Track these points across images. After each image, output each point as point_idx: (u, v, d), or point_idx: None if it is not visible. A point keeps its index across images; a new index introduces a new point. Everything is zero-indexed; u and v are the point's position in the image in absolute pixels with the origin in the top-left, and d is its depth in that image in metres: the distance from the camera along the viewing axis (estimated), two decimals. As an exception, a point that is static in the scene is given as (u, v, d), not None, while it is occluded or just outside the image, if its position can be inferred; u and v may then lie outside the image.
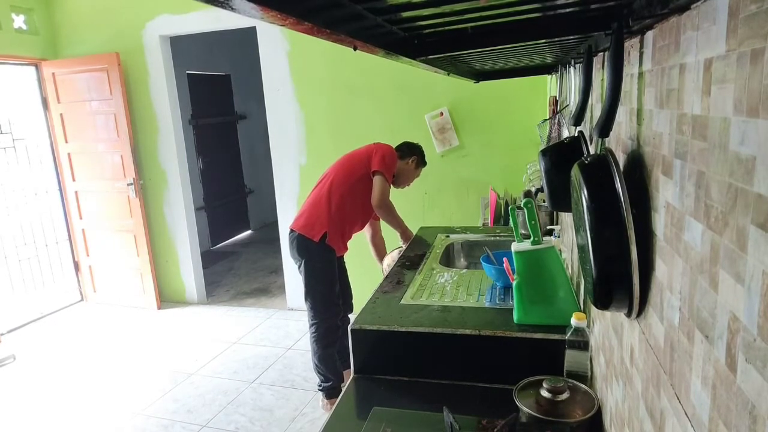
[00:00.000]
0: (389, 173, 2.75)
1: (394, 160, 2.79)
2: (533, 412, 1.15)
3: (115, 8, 4.29)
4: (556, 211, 2.04)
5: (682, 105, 0.62)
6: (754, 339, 0.43)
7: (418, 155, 2.97)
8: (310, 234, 2.72)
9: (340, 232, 2.80)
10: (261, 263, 5.81)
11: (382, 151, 2.78)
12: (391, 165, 2.77)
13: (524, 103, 3.64)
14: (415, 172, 2.98)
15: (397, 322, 1.55)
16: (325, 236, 2.72)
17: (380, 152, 2.76)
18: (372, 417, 1.33)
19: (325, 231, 2.72)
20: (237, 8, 0.46)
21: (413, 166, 2.93)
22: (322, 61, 3.92)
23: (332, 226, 2.73)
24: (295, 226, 2.79)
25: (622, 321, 0.93)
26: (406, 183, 3.01)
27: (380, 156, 2.74)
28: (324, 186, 2.80)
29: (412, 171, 2.95)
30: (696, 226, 0.57)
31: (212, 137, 6.44)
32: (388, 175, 2.73)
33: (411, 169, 2.94)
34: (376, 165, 2.71)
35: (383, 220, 2.83)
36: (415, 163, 2.94)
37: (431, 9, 0.71)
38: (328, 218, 2.73)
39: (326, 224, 2.72)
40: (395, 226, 2.82)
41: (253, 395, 3.17)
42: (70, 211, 4.77)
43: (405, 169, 2.91)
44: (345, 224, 2.81)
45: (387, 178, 2.72)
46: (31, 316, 4.57)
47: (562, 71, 2.08)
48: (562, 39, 1.12)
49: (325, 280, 2.78)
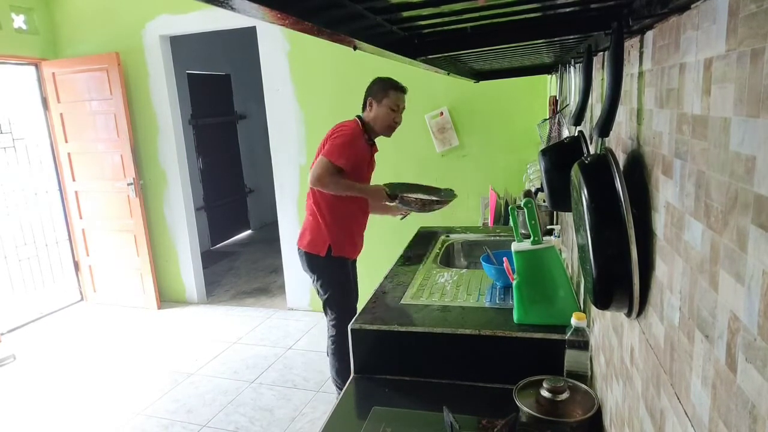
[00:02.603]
0: (336, 153, 2.45)
1: (343, 138, 2.50)
2: (533, 411, 1.15)
3: (115, 8, 4.29)
4: (556, 211, 2.04)
5: (682, 105, 0.62)
6: (754, 339, 0.43)
7: (374, 93, 2.59)
8: (315, 250, 2.65)
9: (346, 237, 2.69)
10: (261, 263, 5.81)
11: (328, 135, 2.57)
12: (341, 144, 2.47)
13: (524, 103, 3.64)
14: (388, 110, 2.56)
15: (397, 322, 1.55)
16: (331, 249, 2.63)
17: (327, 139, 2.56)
18: (372, 417, 1.33)
19: (328, 244, 2.62)
20: (237, 8, 0.46)
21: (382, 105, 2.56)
22: (322, 61, 3.92)
23: (334, 237, 2.63)
24: (300, 245, 2.72)
25: (622, 321, 0.93)
26: (389, 122, 2.60)
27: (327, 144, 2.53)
28: (309, 199, 2.69)
29: (384, 110, 2.56)
30: (696, 226, 0.57)
31: (212, 137, 6.43)
32: (334, 154, 2.45)
33: (383, 109, 2.56)
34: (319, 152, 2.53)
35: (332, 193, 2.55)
36: (378, 101, 2.57)
37: (431, 9, 0.71)
38: (327, 231, 2.62)
39: (327, 237, 2.62)
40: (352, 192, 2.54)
41: (253, 395, 3.17)
42: (70, 211, 4.77)
43: (376, 115, 2.58)
44: (346, 228, 2.69)
45: (331, 159, 2.44)
46: (31, 316, 4.57)
47: (562, 71, 2.08)
48: (561, 39, 1.12)
49: (341, 291, 2.71)
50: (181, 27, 4.21)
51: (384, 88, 2.57)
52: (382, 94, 2.57)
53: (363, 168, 2.63)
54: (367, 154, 2.65)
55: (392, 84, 2.58)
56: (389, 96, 2.57)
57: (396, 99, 2.58)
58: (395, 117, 2.61)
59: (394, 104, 2.58)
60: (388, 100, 2.57)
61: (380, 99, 2.57)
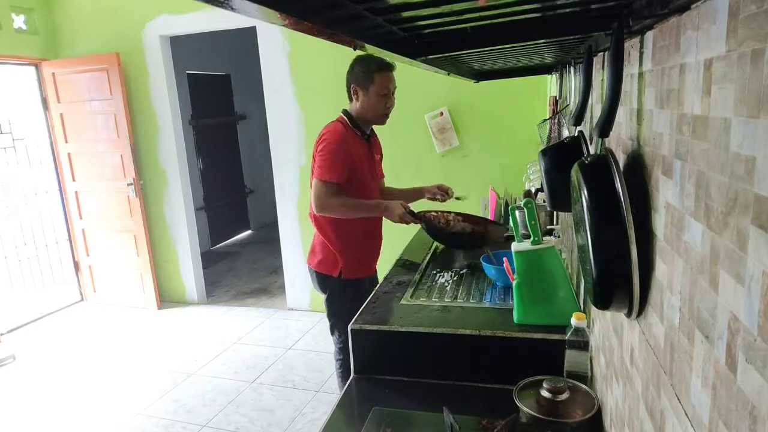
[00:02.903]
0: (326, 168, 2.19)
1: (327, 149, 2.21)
2: (533, 412, 1.15)
3: (115, 8, 4.30)
4: (556, 211, 2.04)
5: (682, 105, 0.62)
6: (755, 339, 0.43)
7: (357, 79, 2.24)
8: (326, 271, 2.38)
9: (359, 258, 2.39)
10: (261, 263, 5.81)
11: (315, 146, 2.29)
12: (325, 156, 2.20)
13: (524, 103, 3.64)
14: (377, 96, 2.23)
15: (397, 322, 1.55)
16: (342, 272, 2.35)
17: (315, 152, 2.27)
18: (372, 417, 1.33)
19: (340, 268, 2.35)
20: (237, 8, 0.46)
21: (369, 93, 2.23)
22: (322, 61, 3.92)
23: (345, 260, 2.34)
24: (310, 262, 2.46)
25: (622, 321, 0.93)
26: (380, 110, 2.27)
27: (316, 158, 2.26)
28: (312, 217, 2.39)
29: (373, 98, 2.23)
30: (696, 226, 0.57)
31: (212, 137, 6.44)
32: (324, 170, 2.19)
33: (372, 98, 2.24)
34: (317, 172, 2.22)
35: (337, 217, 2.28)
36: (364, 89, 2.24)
37: (431, 9, 0.71)
38: (338, 254, 2.34)
39: (339, 260, 2.34)
40: (362, 214, 2.28)
41: (253, 395, 3.17)
42: (70, 211, 4.77)
43: (365, 105, 2.26)
44: (357, 247, 2.37)
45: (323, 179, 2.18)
46: (31, 316, 4.57)
47: (562, 71, 2.08)
48: (562, 39, 1.11)
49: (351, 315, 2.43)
50: (181, 27, 4.21)
51: (368, 72, 2.20)
52: (367, 80, 2.21)
53: (362, 168, 2.31)
54: (361, 151, 2.32)
55: (377, 64, 2.18)
56: (375, 81, 2.21)
57: (384, 81, 2.22)
58: (387, 102, 2.26)
59: (383, 88, 2.22)
60: (375, 86, 2.21)
61: (366, 86, 2.22)
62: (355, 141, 2.30)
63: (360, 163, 2.30)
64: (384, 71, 2.20)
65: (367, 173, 2.35)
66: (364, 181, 2.33)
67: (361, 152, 2.32)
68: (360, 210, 2.27)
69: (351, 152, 2.25)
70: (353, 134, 2.30)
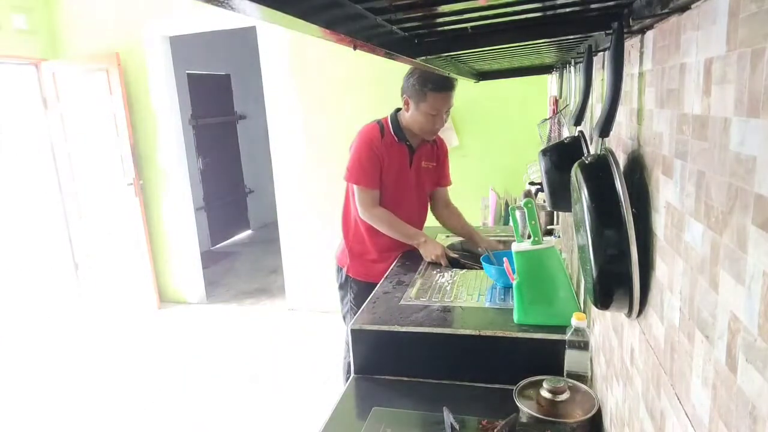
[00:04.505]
0: (360, 173, 2.14)
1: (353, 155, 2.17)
2: (533, 412, 1.15)
3: (115, 8, 4.30)
4: (556, 211, 2.04)
5: (682, 105, 0.62)
6: (755, 339, 0.43)
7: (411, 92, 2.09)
8: (339, 262, 2.39)
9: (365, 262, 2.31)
10: (261, 263, 5.81)
11: (352, 146, 2.22)
12: (363, 160, 2.14)
13: (524, 103, 3.64)
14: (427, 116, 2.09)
15: (397, 322, 1.55)
16: (348, 268, 2.34)
17: (351, 149, 2.21)
18: (372, 417, 1.33)
19: (347, 263, 2.33)
20: (237, 8, 0.46)
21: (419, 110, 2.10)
22: (322, 61, 3.92)
23: (352, 257, 2.33)
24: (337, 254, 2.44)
25: (622, 321, 0.93)
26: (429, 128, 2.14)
27: (350, 157, 2.20)
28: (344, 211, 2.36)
29: (422, 116, 2.10)
30: (696, 226, 0.57)
31: (212, 137, 6.44)
32: (359, 176, 2.15)
33: (421, 116, 2.10)
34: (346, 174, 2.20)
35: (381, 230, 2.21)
36: (415, 104, 2.10)
37: (431, 9, 0.71)
38: (348, 249, 2.34)
39: (347, 255, 2.33)
40: (398, 237, 2.20)
41: (252, 395, 3.17)
42: (69, 210, 4.77)
43: (413, 119, 2.13)
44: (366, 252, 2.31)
45: (360, 184, 2.15)
46: (30, 316, 4.56)
47: (562, 71, 2.08)
48: (562, 39, 1.11)
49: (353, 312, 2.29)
50: (181, 27, 4.21)
51: (422, 89, 2.05)
52: (420, 96, 2.06)
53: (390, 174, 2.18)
54: (396, 157, 2.19)
55: (433, 83, 2.03)
56: (427, 99, 2.06)
57: (436, 102, 2.06)
58: (436, 123, 2.12)
59: (434, 109, 2.07)
60: (426, 105, 2.07)
61: (417, 101, 2.08)
62: (390, 146, 2.18)
63: (389, 169, 2.18)
64: (440, 92, 2.05)
65: (397, 181, 2.22)
66: (389, 188, 2.21)
67: (396, 158, 2.19)
68: (398, 233, 2.20)
69: (380, 158, 2.15)
70: (391, 140, 2.18)
